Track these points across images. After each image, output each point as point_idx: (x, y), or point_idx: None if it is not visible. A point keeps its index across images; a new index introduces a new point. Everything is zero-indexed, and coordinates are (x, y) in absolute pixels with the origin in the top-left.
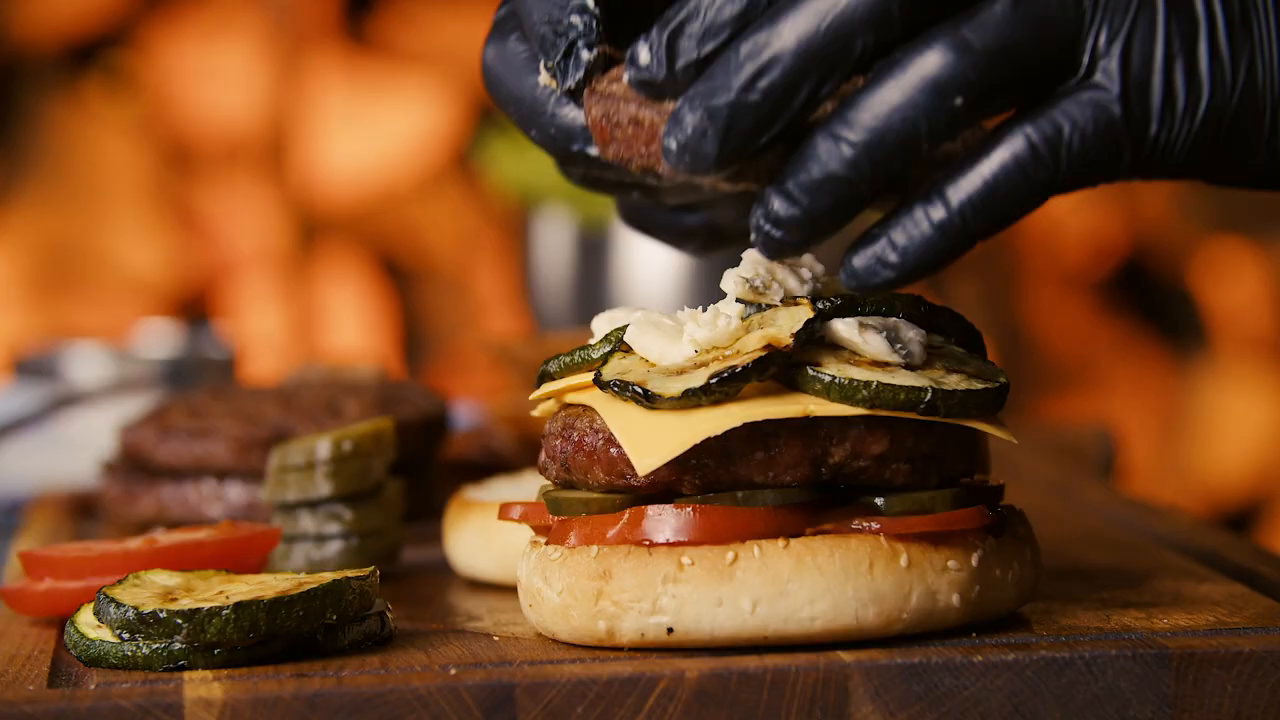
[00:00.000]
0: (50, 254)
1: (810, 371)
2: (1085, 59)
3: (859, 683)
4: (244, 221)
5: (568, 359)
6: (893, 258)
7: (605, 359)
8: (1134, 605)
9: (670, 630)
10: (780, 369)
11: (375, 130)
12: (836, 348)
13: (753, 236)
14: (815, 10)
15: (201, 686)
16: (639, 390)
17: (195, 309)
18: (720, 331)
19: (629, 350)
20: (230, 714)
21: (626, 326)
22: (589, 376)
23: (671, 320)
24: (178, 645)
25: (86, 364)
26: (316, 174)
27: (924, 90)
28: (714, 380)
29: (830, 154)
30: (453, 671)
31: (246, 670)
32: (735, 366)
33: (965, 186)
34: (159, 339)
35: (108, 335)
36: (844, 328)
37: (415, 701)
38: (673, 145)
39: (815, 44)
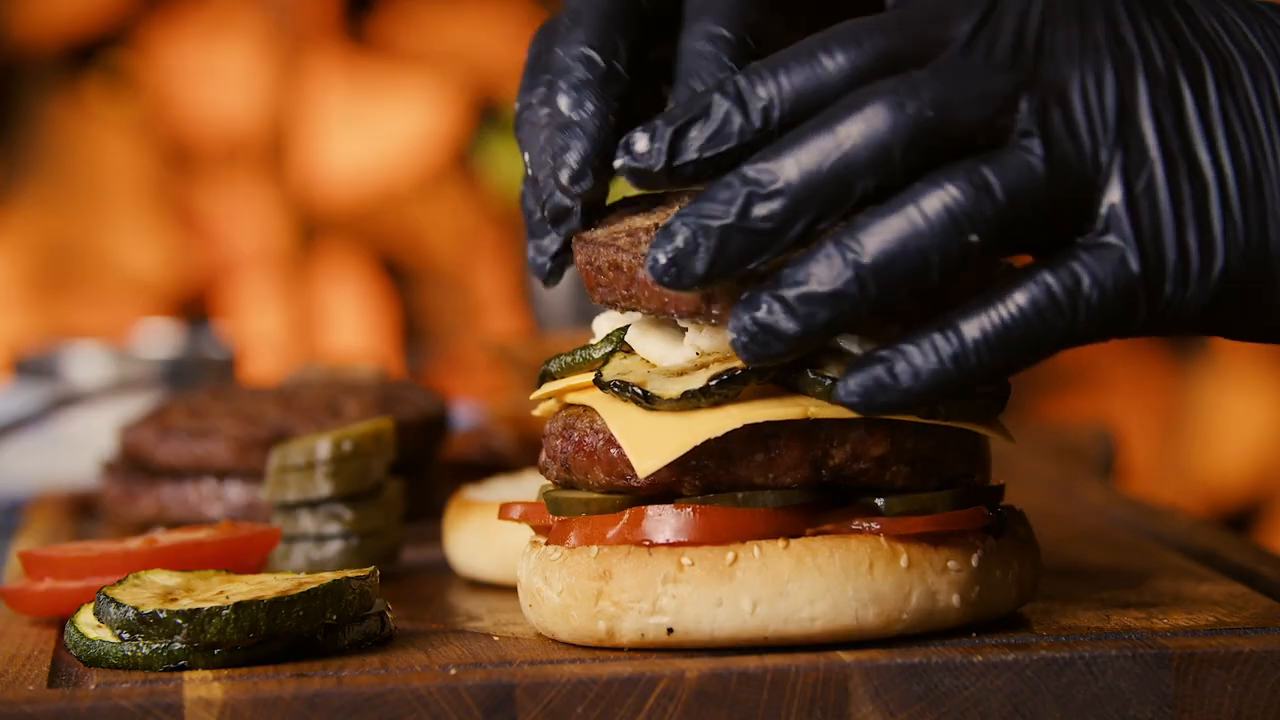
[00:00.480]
0: (50, 254)
1: (810, 374)
2: (1102, 212)
3: (859, 683)
4: (244, 221)
5: (568, 359)
6: (905, 382)
7: (606, 359)
8: (1134, 605)
9: (670, 630)
10: (780, 371)
11: (375, 130)
12: (837, 350)
13: (733, 337)
14: (820, 148)
15: (201, 686)
16: (639, 391)
17: (195, 309)
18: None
19: (630, 351)
20: (230, 714)
21: (628, 327)
22: (589, 377)
23: (673, 321)
24: (178, 645)
25: (86, 364)
26: (316, 174)
27: (939, 222)
28: (714, 382)
29: (838, 272)
30: (453, 671)
31: (246, 670)
32: (735, 368)
33: (982, 324)
34: (159, 339)
35: (108, 335)
36: None
37: (415, 701)
38: (660, 258)
39: (817, 181)
